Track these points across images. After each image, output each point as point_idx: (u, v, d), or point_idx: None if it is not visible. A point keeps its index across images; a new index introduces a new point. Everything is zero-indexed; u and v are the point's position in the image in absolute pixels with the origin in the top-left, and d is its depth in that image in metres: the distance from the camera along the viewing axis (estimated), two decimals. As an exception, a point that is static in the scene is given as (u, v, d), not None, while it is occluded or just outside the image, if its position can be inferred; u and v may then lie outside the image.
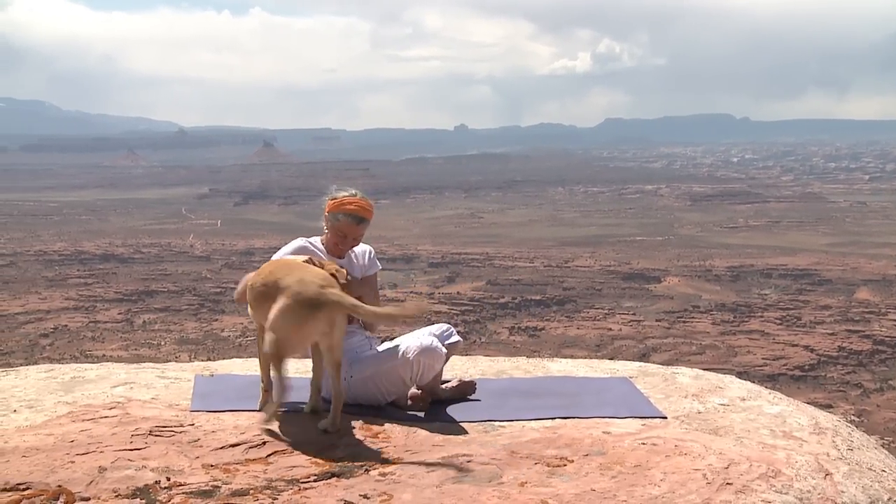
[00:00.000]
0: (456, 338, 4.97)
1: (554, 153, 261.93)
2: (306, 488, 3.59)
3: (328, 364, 4.31)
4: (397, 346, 4.70)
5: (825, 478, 3.79)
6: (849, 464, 3.98)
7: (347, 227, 4.69)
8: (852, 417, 41.60)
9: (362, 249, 4.94)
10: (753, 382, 5.43)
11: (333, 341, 4.24)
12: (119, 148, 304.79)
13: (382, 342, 4.94)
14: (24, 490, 3.51)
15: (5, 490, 3.51)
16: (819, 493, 3.65)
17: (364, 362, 4.64)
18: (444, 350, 4.69)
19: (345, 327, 4.30)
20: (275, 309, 4.11)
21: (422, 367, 4.53)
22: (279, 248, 4.77)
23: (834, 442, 4.22)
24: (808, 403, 5.05)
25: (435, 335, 4.81)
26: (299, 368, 5.45)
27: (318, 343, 4.29)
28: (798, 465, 3.87)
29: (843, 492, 3.70)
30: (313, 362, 4.49)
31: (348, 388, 4.53)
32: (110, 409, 4.46)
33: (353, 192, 4.75)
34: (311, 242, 4.80)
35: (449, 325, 5.03)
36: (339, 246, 4.76)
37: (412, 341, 4.65)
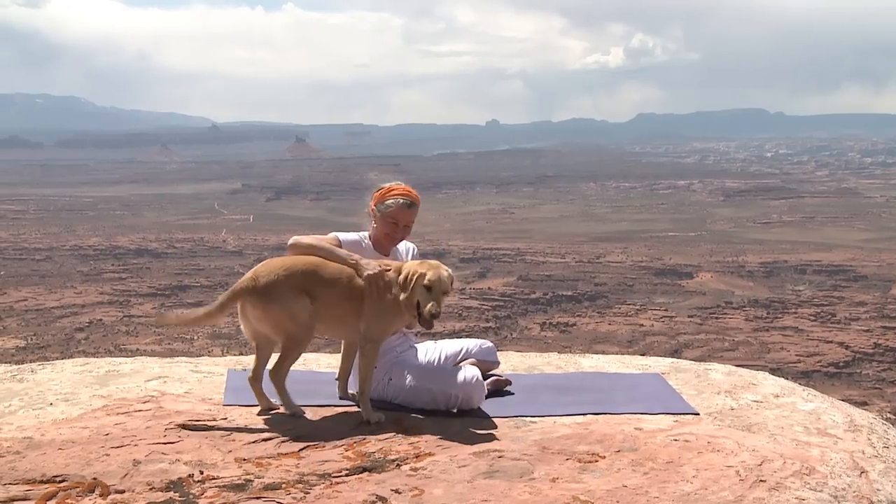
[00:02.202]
0: (494, 358, 5.06)
1: (586, 148, 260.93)
2: (338, 482, 3.60)
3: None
4: (440, 362, 4.75)
5: (860, 475, 3.75)
6: (885, 462, 3.94)
7: (398, 211, 4.65)
8: (888, 415, 41.09)
9: (406, 247, 4.92)
10: (787, 379, 5.39)
11: (255, 329, 4.39)
12: (153, 143, 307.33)
13: (418, 336, 4.94)
14: (60, 482, 3.55)
15: (42, 482, 3.55)
16: (854, 491, 3.61)
17: (405, 369, 4.63)
18: (485, 386, 4.67)
19: (259, 315, 4.32)
20: None
21: (460, 401, 4.51)
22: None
23: (869, 439, 4.18)
24: (842, 401, 5.00)
25: (473, 360, 4.86)
26: (331, 363, 5.48)
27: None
28: (833, 462, 3.84)
29: (878, 490, 3.66)
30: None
31: (384, 390, 4.56)
32: (144, 402, 4.50)
33: (397, 182, 4.76)
34: (363, 237, 4.77)
35: (491, 344, 5.09)
36: (389, 236, 4.71)
37: (456, 371, 4.61)
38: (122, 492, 3.49)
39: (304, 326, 4.26)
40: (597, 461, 3.82)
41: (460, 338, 5.24)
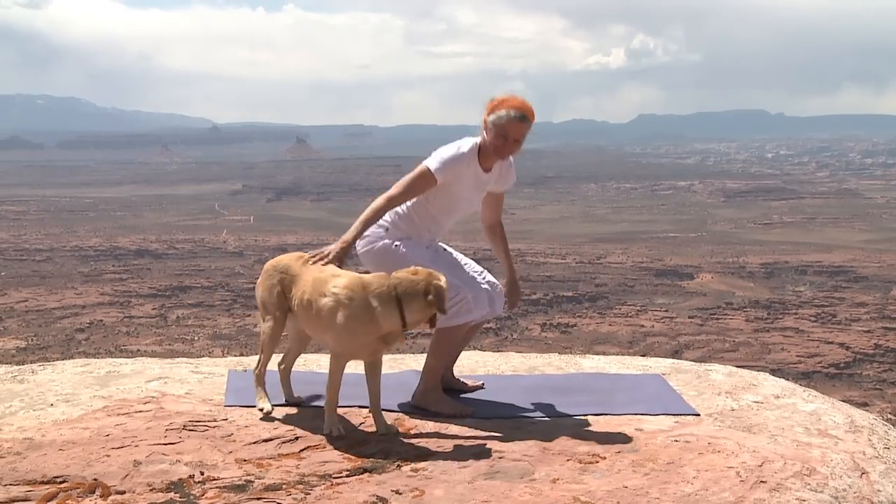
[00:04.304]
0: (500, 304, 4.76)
1: (586, 149, 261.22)
2: (338, 483, 3.60)
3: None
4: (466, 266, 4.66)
5: (861, 476, 3.75)
6: (885, 462, 3.94)
7: (509, 124, 4.42)
8: (889, 416, 41.11)
9: (509, 162, 4.70)
10: (788, 380, 5.39)
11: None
12: (153, 144, 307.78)
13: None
14: (60, 483, 3.55)
15: (43, 483, 3.55)
16: (855, 492, 3.61)
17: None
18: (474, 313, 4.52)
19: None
20: None
21: (481, 303, 4.50)
22: (312, 245, 4.74)
23: (870, 440, 4.18)
24: (843, 401, 5.00)
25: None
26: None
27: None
28: (833, 463, 3.84)
29: (879, 491, 3.66)
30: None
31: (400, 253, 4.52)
32: (145, 403, 4.50)
33: (513, 93, 4.55)
34: (466, 153, 4.49)
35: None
36: (499, 149, 4.48)
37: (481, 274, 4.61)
38: (123, 492, 3.49)
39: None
40: (597, 462, 3.82)
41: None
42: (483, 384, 4.94)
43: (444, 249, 4.75)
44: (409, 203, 4.55)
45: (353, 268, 4.38)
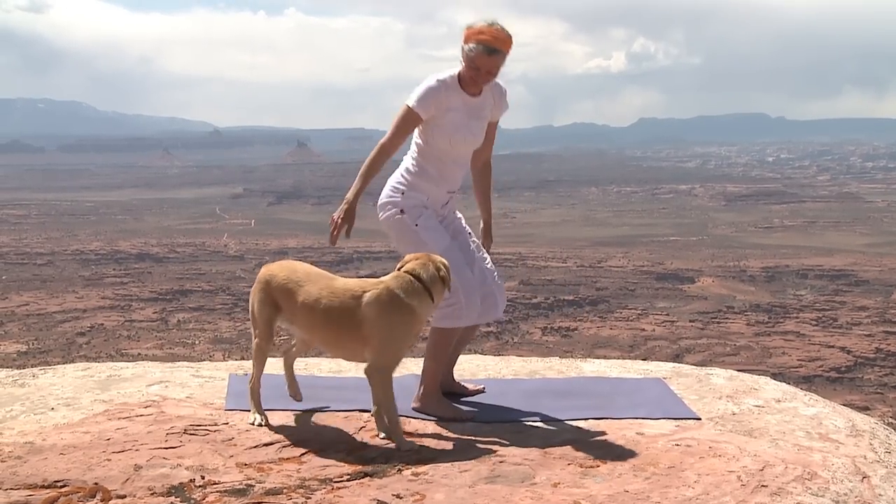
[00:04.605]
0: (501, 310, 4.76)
1: (587, 153, 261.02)
2: (339, 487, 3.60)
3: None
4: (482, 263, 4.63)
5: (862, 481, 3.75)
6: (886, 467, 3.94)
7: (479, 57, 4.38)
8: (890, 420, 41.08)
9: (500, 90, 4.68)
10: (789, 384, 5.38)
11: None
12: (154, 148, 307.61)
13: None
14: (61, 487, 3.56)
15: (43, 487, 3.56)
16: (856, 497, 3.61)
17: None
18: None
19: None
20: None
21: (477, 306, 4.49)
22: (313, 248, 4.73)
23: (871, 445, 4.18)
24: (844, 405, 5.00)
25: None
26: (332, 368, 5.48)
27: None
28: (834, 467, 3.84)
29: (880, 495, 3.66)
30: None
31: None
32: (146, 407, 4.51)
33: (492, 21, 4.43)
34: (443, 81, 4.49)
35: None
36: (473, 80, 4.46)
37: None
38: (124, 497, 3.49)
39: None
40: (598, 466, 3.82)
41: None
42: (484, 388, 4.93)
43: (463, 235, 4.71)
44: (415, 155, 4.60)
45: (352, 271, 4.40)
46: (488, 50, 4.36)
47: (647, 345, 59.62)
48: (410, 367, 5.39)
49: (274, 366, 5.58)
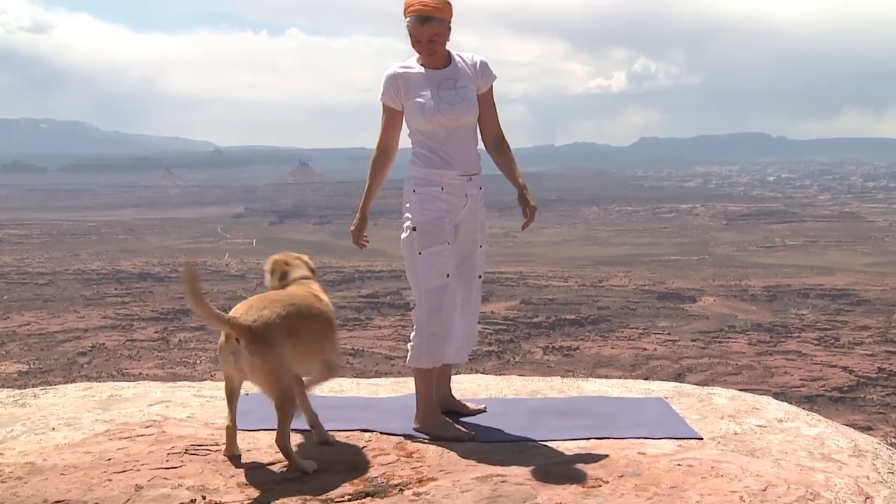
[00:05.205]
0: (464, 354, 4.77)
1: (588, 172, 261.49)
2: (340, 508, 3.59)
3: None
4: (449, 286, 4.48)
5: (865, 501, 3.73)
6: (890, 487, 3.92)
7: (414, 29, 4.36)
8: (893, 440, 40.97)
9: (472, 59, 4.57)
10: (791, 403, 5.37)
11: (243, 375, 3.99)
12: (156, 167, 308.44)
13: None
14: (61, 507, 3.54)
15: (43, 507, 3.54)
16: (859, 517, 3.59)
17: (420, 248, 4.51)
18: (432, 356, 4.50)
19: (258, 365, 3.86)
20: None
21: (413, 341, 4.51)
22: (316, 267, 4.71)
23: (874, 465, 4.16)
24: (847, 425, 4.98)
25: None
26: (331, 388, 5.47)
27: None
28: (837, 488, 3.82)
29: (883, 515, 3.64)
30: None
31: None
32: (147, 427, 4.50)
33: None
34: (403, 66, 4.51)
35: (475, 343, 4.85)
36: (421, 52, 4.44)
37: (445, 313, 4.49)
38: (124, 517, 3.48)
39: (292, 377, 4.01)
40: (600, 486, 3.80)
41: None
42: (485, 408, 4.92)
43: (467, 263, 4.64)
44: (413, 147, 4.60)
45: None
46: (420, 19, 4.34)
47: (648, 364, 59.54)
48: (412, 387, 5.38)
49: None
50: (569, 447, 4.31)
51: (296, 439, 4.35)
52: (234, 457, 4.03)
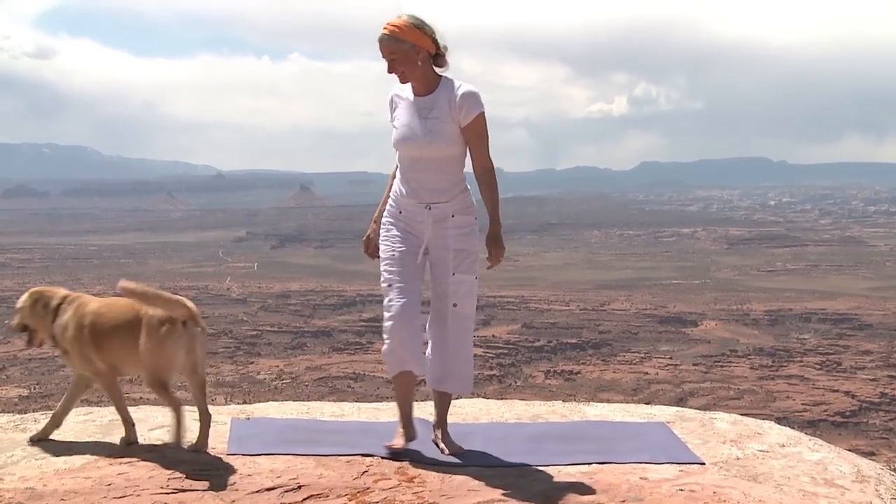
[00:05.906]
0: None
1: (589, 196, 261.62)
2: (341, 533, 3.57)
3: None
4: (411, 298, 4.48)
5: (868, 527, 3.72)
6: (892, 512, 3.91)
7: (381, 49, 4.37)
8: (896, 465, 40.78)
9: (455, 90, 4.43)
10: (793, 428, 5.36)
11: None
12: (158, 192, 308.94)
13: None
14: (61, 532, 3.53)
15: (43, 532, 3.53)
16: (862, 543, 3.58)
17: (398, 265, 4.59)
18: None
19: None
20: None
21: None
22: (315, 291, 4.73)
23: (877, 490, 4.15)
24: (849, 450, 4.97)
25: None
26: (334, 412, 5.46)
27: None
28: (840, 513, 3.81)
29: (886, 541, 3.63)
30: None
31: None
32: (147, 452, 4.49)
33: (400, 14, 4.42)
34: (401, 88, 4.54)
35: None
36: (394, 72, 4.41)
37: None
38: (124, 542, 3.47)
39: None
40: (602, 511, 3.79)
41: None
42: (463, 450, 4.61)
43: (438, 283, 4.58)
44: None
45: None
46: (380, 37, 4.37)
47: (650, 388, 59.41)
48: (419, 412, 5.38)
49: (276, 409, 5.57)
50: (571, 472, 4.30)
51: (291, 462, 4.35)
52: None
